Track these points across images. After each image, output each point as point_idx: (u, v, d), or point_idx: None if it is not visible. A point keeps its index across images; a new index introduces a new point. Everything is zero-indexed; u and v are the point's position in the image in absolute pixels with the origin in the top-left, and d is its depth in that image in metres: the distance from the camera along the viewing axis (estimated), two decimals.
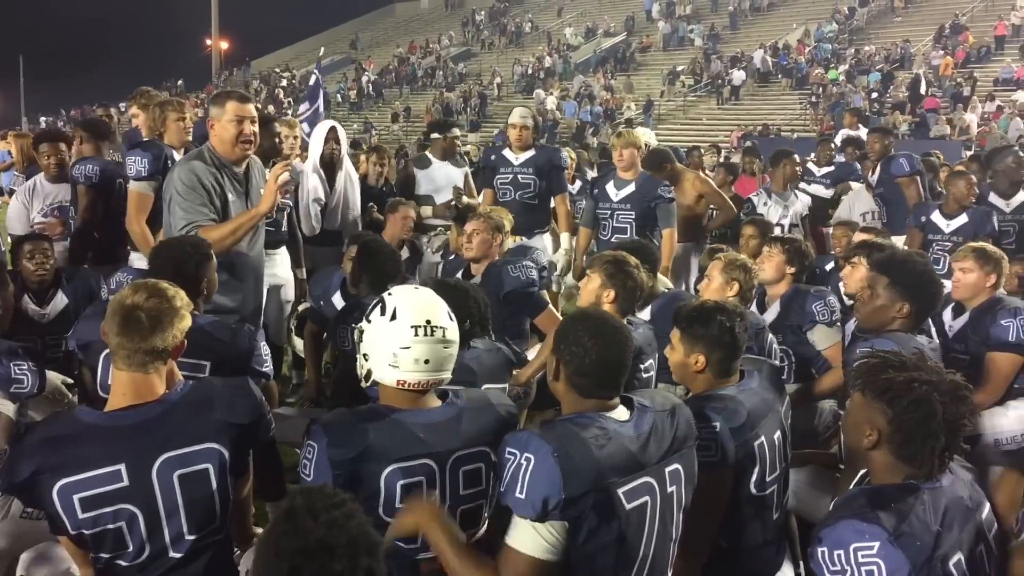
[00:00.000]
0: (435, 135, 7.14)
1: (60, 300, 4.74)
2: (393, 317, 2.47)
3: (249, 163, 4.31)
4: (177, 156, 4.95)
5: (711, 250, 5.66)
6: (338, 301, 4.89)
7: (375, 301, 2.55)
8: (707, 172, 10.67)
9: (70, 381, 4.23)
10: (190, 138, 5.28)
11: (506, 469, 2.24)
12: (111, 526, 2.29)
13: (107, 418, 2.36)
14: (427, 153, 7.15)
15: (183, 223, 3.96)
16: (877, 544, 2.02)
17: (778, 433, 2.97)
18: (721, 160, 12.03)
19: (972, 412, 2.25)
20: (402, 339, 2.45)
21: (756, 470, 2.83)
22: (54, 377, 3.72)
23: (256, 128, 4.18)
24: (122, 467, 2.28)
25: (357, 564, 1.74)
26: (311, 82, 9.49)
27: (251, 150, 4.23)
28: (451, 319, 2.55)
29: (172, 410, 2.40)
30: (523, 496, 2.19)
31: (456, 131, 7.19)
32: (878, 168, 7.38)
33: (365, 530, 1.81)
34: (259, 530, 2.77)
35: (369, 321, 2.52)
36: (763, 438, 2.85)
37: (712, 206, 7.01)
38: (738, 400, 2.83)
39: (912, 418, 2.16)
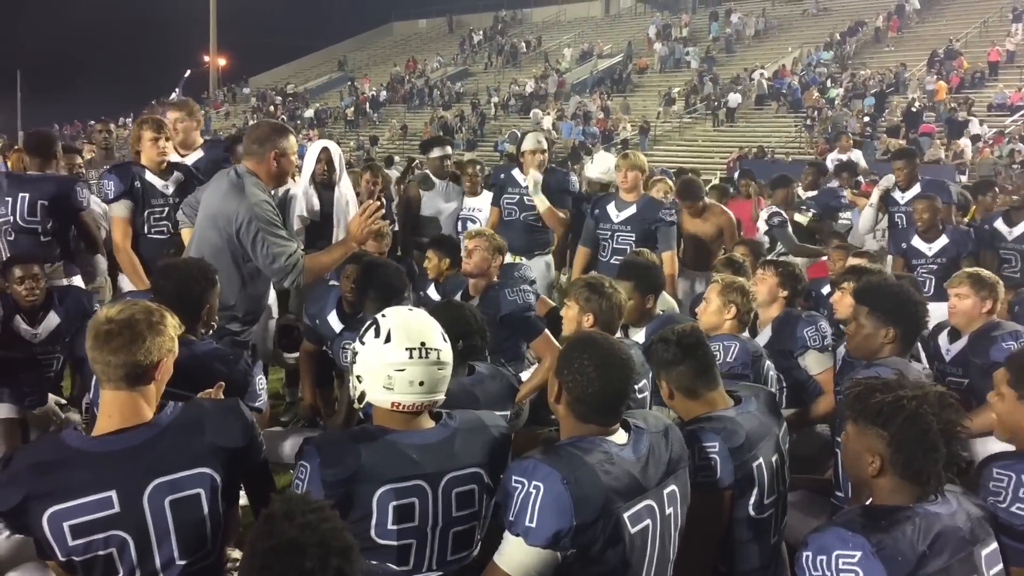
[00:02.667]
0: (433, 153, 7.15)
1: (52, 320, 4.72)
2: (387, 339, 2.46)
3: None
4: (149, 176, 5.00)
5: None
6: (334, 321, 4.88)
7: (368, 323, 2.54)
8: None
9: (63, 401, 4.24)
10: (167, 157, 5.18)
11: (513, 498, 2.23)
12: (101, 552, 2.25)
13: (97, 443, 2.31)
14: (428, 173, 7.18)
15: (287, 253, 4.05)
16: (859, 554, 2.05)
17: (776, 456, 2.97)
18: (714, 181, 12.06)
19: (963, 418, 2.27)
20: (396, 361, 2.43)
21: (755, 492, 2.83)
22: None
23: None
24: (113, 493, 2.24)
25: (327, 564, 1.79)
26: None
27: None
28: (445, 341, 2.54)
29: (163, 434, 2.35)
30: (534, 525, 2.18)
31: (440, 151, 7.15)
32: (909, 191, 7.19)
33: (339, 533, 1.85)
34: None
35: (363, 343, 2.51)
36: (761, 460, 2.85)
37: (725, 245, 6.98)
38: (737, 421, 2.83)
39: (909, 435, 2.18)
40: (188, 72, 10.96)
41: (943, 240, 6.33)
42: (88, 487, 2.23)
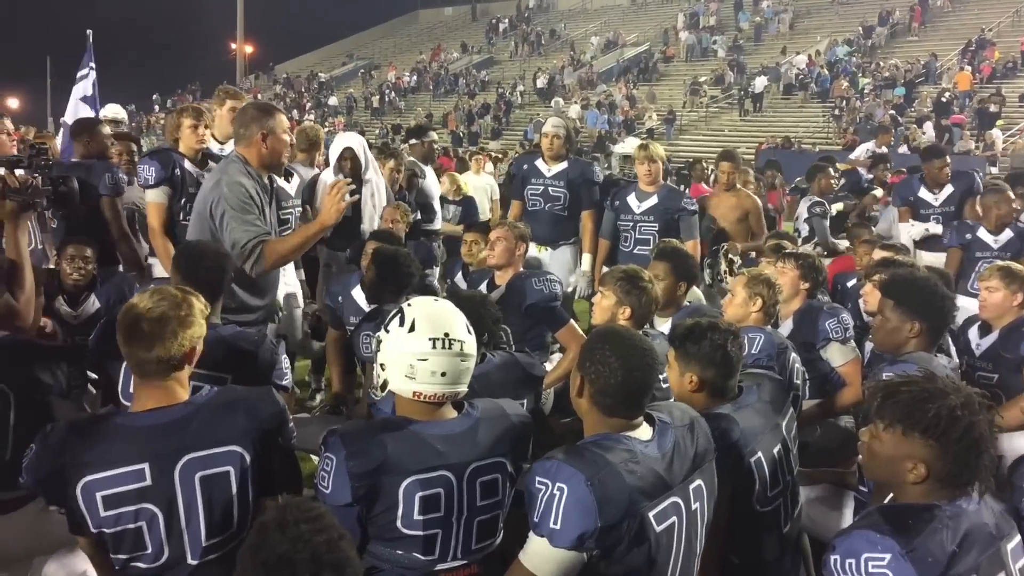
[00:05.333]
0: (413, 140, 7.16)
1: (92, 303, 4.80)
2: (411, 328, 2.47)
3: None
4: (187, 165, 4.97)
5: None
6: (358, 295, 4.89)
7: (394, 311, 2.55)
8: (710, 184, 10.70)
9: (95, 377, 4.26)
10: (206, 145, 5.19)
11: (537, 499, 2.23)
12: (131, 526, 2.31)
13: (133, 418, 2.39)
14: (416, 160, 7.27)
15: (246, 238, 3.91)
16: (888, 556, 2.02)
17: (778, 447, 2.95)
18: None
19: (997, 414, 2.24)
20: (419, 351, 2.44)
21: (756, 487, 2.82)
22: None
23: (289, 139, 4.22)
24: (146, 466, 2.31)
25: None
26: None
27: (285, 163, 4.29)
28: (469, 332, 2.54)
29: (197, 412, 2.42)
30: (559, 527, 2.18)
31: (433, 135, 7.21)
32: (944, 189, 7.05)
33: (334, 545, 1.80)
34: None
35: (387, 331, 2.52)
36: (760, 454, 2.83)
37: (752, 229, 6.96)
38: (731, 419, 2.81)
39: (964, 446, 2.13)
40: (91, 34, 9.98)
41: (1009, 233, 6.14)
42: (122, 459, 2.29)
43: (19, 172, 2.92)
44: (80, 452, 2.29)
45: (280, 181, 4.90)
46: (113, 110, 8.50)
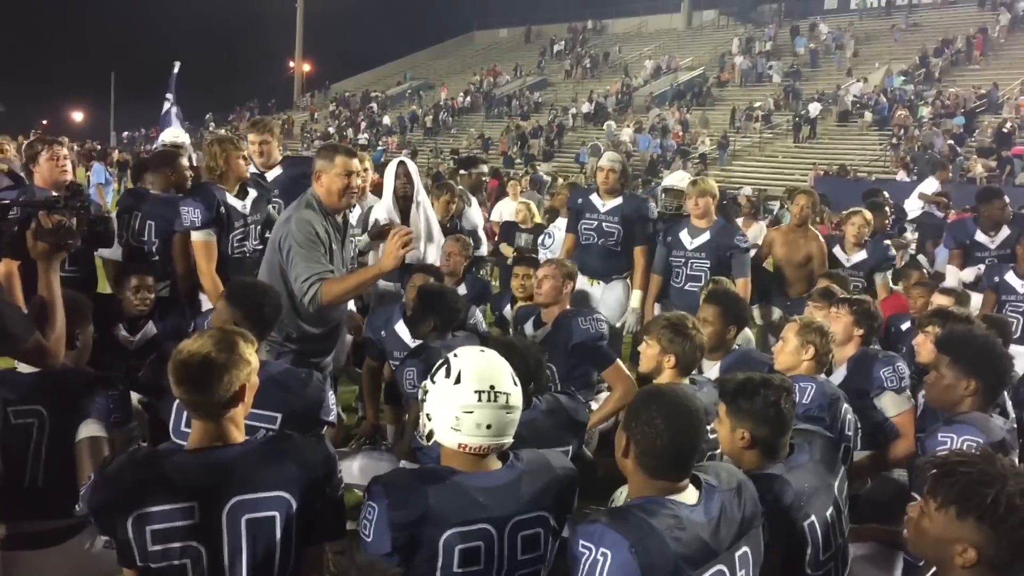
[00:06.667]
0: (462, 171, 7.17)
1: (150, 329, 4.85)
2: (457, 380, 2.47)
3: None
4: (229, 199, 5.00)
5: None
6: (402, 330, 4.92)
7: (440, 362, 2.55)
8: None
9: (145, 400, 4.33)
10: (249, 174, 5.25)
11: (581, 564, 2.21)
12: (176, 562, 2.34)
13: (187, 455, 2.44)
14: (464, 189, 7.37)
15: (307, 275, 4.06)
16: None
17: (831, 510, 2.89)
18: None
19: None
20: (465, 403, 2.44)
21: (809, 550, 2.75)
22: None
23: (361, 181, 4.29)
24: (195, 504, 2.34)
25: None
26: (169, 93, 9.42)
27: (355, 202, 4.34)
28: (515, 384, 2.53)
29: (248, 455, 2.45)
30: None
31: (484, 167, 7.22)
32: (1001, 232, 6.89)
33: None
34: None
35: (434, 382, 2.52)
36: (813, 517, 2.77)
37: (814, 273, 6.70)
38: (784, 480, 2.75)
39: (1021, 535, 2.06)
40: (177, 65, 10.53)
41: None
42: (173, 495, 2.33)
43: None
44: (135, 485, 2.34)
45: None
46: (172, 134, 8.53)
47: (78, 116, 58.78)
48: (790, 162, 30.42)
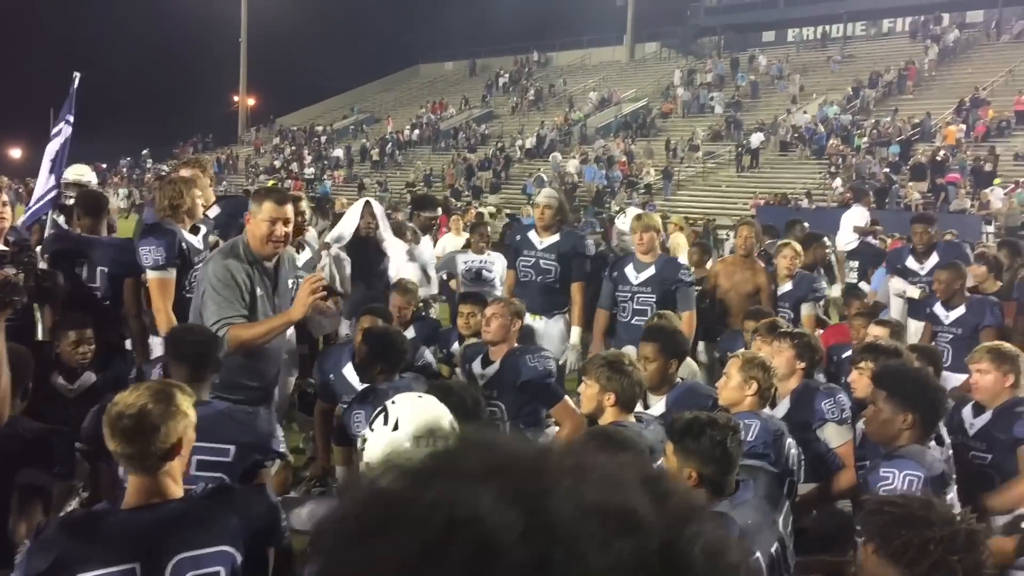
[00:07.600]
0: (418, 212, 7.31)
1: (88, 378, 4.74)
2: (395, 427, 2.48)
3: (280, 255, 4.34)
4: (187, 236, 4.95)
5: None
6: (350, 374, 4.90)
7: (379, 410, 2.56)
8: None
9: (87, 449, 4.24)
10: (202, 214, 5.21)
11: None
12: None
13: (124, 515, 2.39)
14: (415, 228, 7.46)
15: (215, 319, 3.99)
16: None
17: (776, 545, 2.93)
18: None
19: (989, 556, 2.21)
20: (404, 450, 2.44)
21: None
22: None
23: (289, 229, 4.22)
24: (136, 566, 2.30)
25: None
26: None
27: (282, 250, 4.28)
28: (454, 427, 2.54)
29: (189, 510, 2.42)
30: None
31: (438, 211, 7.37)
32: (931, 259, 7.05)
33: None
34: None
35: (372, 430, 2.53)
36: (758, 553, 2.80)
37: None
38: (729, 518, 2.75)
39: None
40: (78, 78, 6.76)
41: (961, 309, 6.22)
42: (113, 557, 2.29)
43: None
44: (71, 550, 2.29)
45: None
46: (76, 172, 7.51)
47: (16, 153, 57.60)
48: (733, 191, 30.95)
